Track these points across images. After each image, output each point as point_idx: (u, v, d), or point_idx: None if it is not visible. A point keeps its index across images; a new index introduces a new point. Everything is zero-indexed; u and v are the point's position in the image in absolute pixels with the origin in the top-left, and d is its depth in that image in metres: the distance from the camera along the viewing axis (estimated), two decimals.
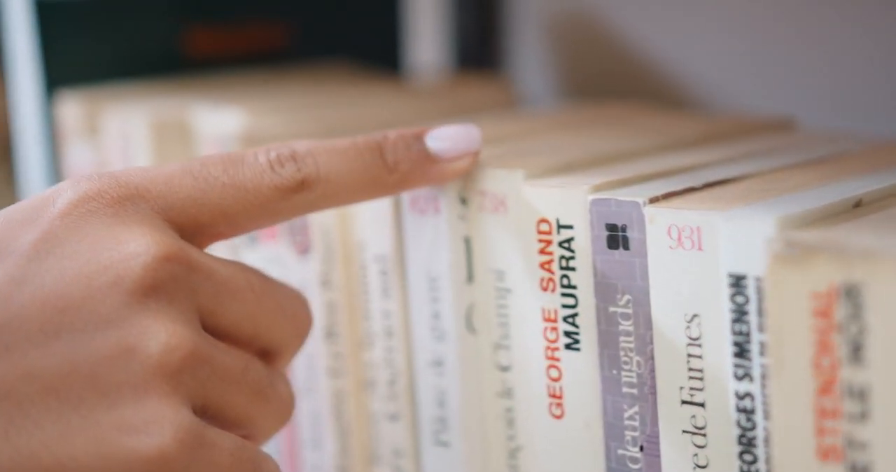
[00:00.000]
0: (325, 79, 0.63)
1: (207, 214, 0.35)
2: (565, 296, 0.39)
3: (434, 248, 0.42)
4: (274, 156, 0.36)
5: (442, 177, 0.39)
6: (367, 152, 0.38)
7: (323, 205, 0.37)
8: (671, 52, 0.63)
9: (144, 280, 0.32)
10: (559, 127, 0.48)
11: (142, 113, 0.53)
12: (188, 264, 0.33)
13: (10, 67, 0.58)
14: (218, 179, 0.35)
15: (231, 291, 0.34)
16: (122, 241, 0.33)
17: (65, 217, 0.33)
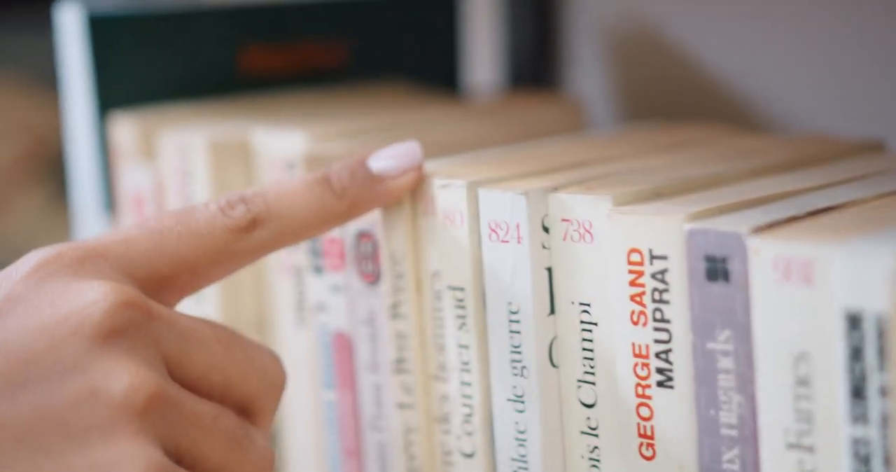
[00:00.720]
0: (384, 98, 0.61)
1: (167, 264, 0.37)
2: (658, 330, 0.36)
3: (515, 278, 0.40)
4: (224, 201, 0.38)
5: (389, 195, 0.41)
6: (314, 184, 0.39)
7: (279, 241, 0.39)
8: (741, 68, 0.61)
9: (104, 325, 0.33)
10: (640, 150, 0.46)
11: (200, 134, 0.51)
12: (147, 311, 0.34)
13: (63, 86, 0.57)
14: (173, 229, 0.37)
15: (196, 341, 0.35)
16: (80, 292, 0.34)
17: (27, 280, 0.34)
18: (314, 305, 0.47)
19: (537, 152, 0.46)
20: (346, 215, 0.40)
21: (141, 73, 0.57)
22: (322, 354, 0.47)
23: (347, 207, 0.40)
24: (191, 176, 0.51)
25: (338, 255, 0.45)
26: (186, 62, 0.58)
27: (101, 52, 0.56)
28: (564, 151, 0.46)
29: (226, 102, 0.58)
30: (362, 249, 0.44)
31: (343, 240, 0.45)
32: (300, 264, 0.47)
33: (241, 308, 0.51)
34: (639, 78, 0.67)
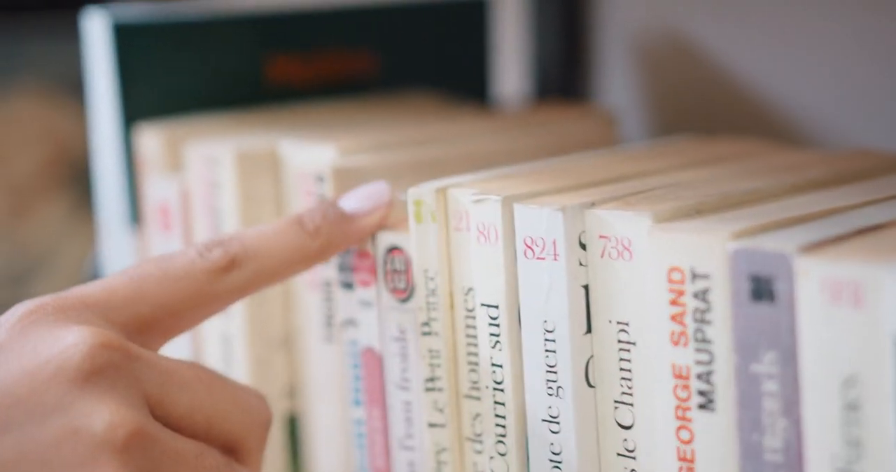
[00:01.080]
0: (412, 109, 0.60)
1: (147, 308, 0.38)
2: (699, 351, 0.35)
3: (550, 296, 0.39)
4: (201, 245, 0.40)
5: (361, 233, 0.42)
6: (288, 226, 0.41)
7: (257, 281, 0.40)
8: (776, 79, 0.60)
9: (83, 367, 0.34)
10: (676, 164, 0.45)
11: (227, 145, 0.50)
12: (127, 353, 0.35)
13: (89, 94, 0.56)
14: (152, 275, 0.38)
15: (178, 381, 0.36)
16: (61, 337, 0.35)
17: (10, 330, 0.36)
18: (343, 321, 0.46)
19: (572, 166, 0.45)
20: (320, 254, 0.41)
21: (167, 81, 0.56)
22: (351, 370, 0.46)
23: (321, 247, 0.41)
24: (218, 188, 0.50)
25: (368, 270, 0.44)
26: (213, 71, 0.58)
27: (127, 60, 0.55)
28: (599, 165, 0.45)
29: (253, 113, 0.57)
30: (393, 264, 0.44)
31: (373, 255, 0.44)
32: (329, 278, 0.47)
33: (269, 324, 0.50)
34: (669, 89, 0.66)
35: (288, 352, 0.51)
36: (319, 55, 0.60)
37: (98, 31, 0.55)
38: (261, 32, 0.59)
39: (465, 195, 0.41)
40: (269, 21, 0.59)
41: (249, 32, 0.58)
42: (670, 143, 0.50)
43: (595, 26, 0.69)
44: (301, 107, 0.59)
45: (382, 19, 0.63)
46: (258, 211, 0.50)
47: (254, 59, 0.59)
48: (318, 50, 0.60)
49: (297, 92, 0.60)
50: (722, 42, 0.63)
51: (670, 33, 0.65)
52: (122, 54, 0.55)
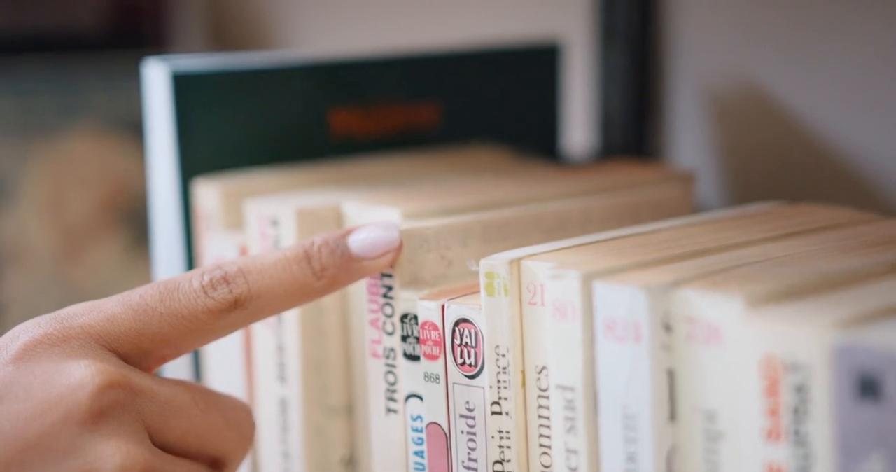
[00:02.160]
0: (477, 164, 0.58)
1: (148, 342, 0.39)
2: (796, 449, 0.33)
3: (632, 380, 0.36)
4: (207, 280, 0.40)
5: (365, 273, 0.42)
6: (294, 263, 0.41)
7: (256, 318, 0.41)
8: (867, 140, 0.57)
9: (92, 409, 0.36)
10: (764, 237, 0.42)
11: (288, 203, 0.48)
12: (131, 389, 0.37)
13: (148, 143, 0.55)
14: (155, 310, 0.39)
15: (175, 408, 0.38)
16: (68, 373, 0.37)
17: (16, 363, 0.37)
18: (407, 393, 0.43)
19: (652, 236, 0.43)
20: (321, 293, 0.41)
21: (226, 132, 0.55)
22: (413, 446, 0.44)
23: (325, 286, 0.41)
24: (277, 245, 0.48)
25: (435, 342, 0.42)
26: (274, 122, 0.56)
27: (186, 111, 0.53)
28: (682, 235, 0.43)
29: (314, 167, 0.55)
30: (462, 337, 0.41)
31: (441, 327, 0.42)
32: (394, 348, 0.44)
33: (328, 390, 0.48)
34: (746, 145, 0.63)
35: (348, 420, 0.49)
36: (382, 106, 0.59)
37: (157, 81, 0.53)
38: (322, 83, 0.57)
39: (540, 269, 0.38)
40: (330, 71, 0.57)
41: (312, 83, 0.57)
42: (754, 210, 0.47)
43: (665, 77, 0.67)
44: (363, 160, 0.57)
45: (446, 68, 0.61)
46: None
47: (316, 111, 0.57)
48: (380, 101, 0.58)
49: (358, 144, 0.58)
50: (804, 95, 0.60)
51: (747, 85, 0.63)
52: (181, 105, 0.53)
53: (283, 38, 0.92)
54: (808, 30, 0.60)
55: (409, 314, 0.43)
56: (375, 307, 0.45)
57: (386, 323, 0.45)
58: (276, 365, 0.49)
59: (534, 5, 0.73)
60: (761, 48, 0.62)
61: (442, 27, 0.79)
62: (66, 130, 0.91)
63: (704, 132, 0.65)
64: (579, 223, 0.48)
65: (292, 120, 0.56)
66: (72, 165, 0.91)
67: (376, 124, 0.59)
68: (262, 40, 0.95)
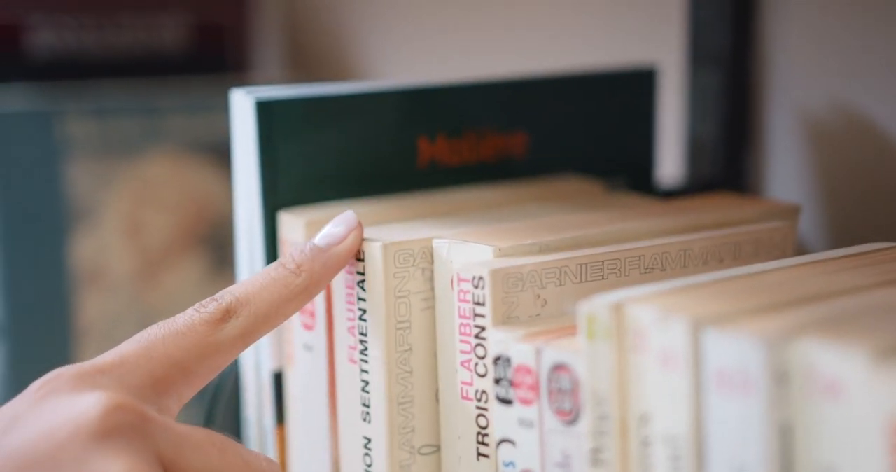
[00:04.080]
0: (568, 196, 0.56)
1: (158, 366, 0.41)
2: None
3: (744, 434, 0.34)
4: (196, 304, 0.43)
5: (339, 260, 0.45)
6: (271, 270, 0.45)
7: (255, 325, 0.43)
8: None
9: (100, 426, 0.37)
10: (881, 281, 0.40)
11: (374, 236, 0.47)
12: (142, 415, 0.38)
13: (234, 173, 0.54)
14: (157, 335, 0.42)
15: (192, 444, 0.38)
16: (78, 401, 0.38)
17: (30, 399, 0.38)
18: (499, 438, 0.42)
19: (761, 279, 0.40)
20: (306, 290, 0.44)
21: (312, 161, 0.53)
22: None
23: (305, 282, 0.44)
24: (363, 279, 0.47)
25: (530, 387, 0.40)
26: (361, 150, 0.54)
27: (271, 139, 0.52)
28: (792, 277, 0.40)
29: (401, 198, 0.54)
30: (559, 382, 0.39)
31: (537, 371, 0.40)
32: (486, 390, 0.43)
33: (413, 430, 0.47)
34: (847, 177, 0.61)
35: (436, 462, 0.47)
36: (471, 135, 0.57)
37: (243, 110, 0.52)
38: (410, 111, 0.56)
39: (645, 313, 0.36)
40: (418, 99, 0.56)
41: (399, 111, 0.55)
42: (866, 251, 0.45)
43: (762, 102, 0.64)
44: (450, 191, 0.55)
45: (536, 96, 0.59)
46: (407, 308, 0.46)
47: (403, 140, 0.55)
48: (469, 129, 0.57)
49: (446, 173, 0.56)
50: None
51: (847, 111, 0.60)
52: (266, 133, 0.52)
53: (363, 60, 0.91)
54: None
55: (503, 356, 0.42)
56: (467, 348, 0.43)
57: (478, 364, 0.43)
58: (361, 403, 0.47)
59: (627, 30, 0.71)
60: (862, 72, 0.59)
61: (533, 55, 0.77)
62: (147, 152, 0.90)
63: (802, 162, 0.63)
64: (679, 261, 0.46)
65: (379, 149, 0.55)
66: (152, 188, 0.91)
67: (465, 153, 0.57)
68: (341, 63, 0.94)
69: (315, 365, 0.50)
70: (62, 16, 0.94)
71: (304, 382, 0.50)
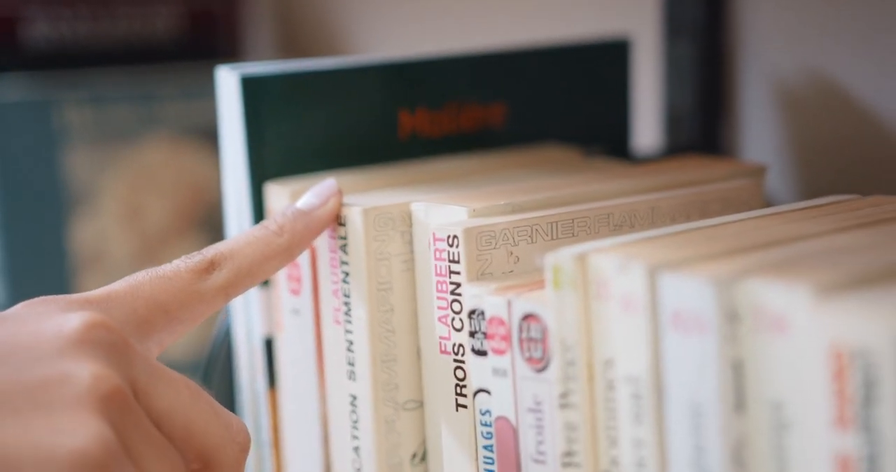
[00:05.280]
0: (545, 163, 0.58)
1: (143, 306, 0.43)
2: (865, 437, 0.32)
3: (699, 371, 0.36)
4: (183, 256, 0.45)
5: (320, 223, 0.48)
6: (255, 230, 0.47)
7: (238, 278, 0.45)
8: None
9: (82, 335, 0.38)
10: (833, 228, 0.42)
11: (355, 202, 0.49)
12: (123, 338, 0.39)
13: (221, 149, 0.56)
14: (145, 278, 0.44)
15: (166, 379, 0.39)
16: (65, 316, 0.39)
17: (17, 310, 0.40)
18: (476, 389, 0.44)
19: (720, 230, 0.42)
20: (288, 249, 0.47)
21: (297, 135, 0.55)
22: (483, 440, 0.44)
23: (287, 241, 0.47)
24: (346, 243, 0.49)
25: (503, 337, 0.42)
26: (344, 124, 0.56)
27: (256, 114, 0.54)
28: (750, 228, 0.42)
29: (383, 169, 0.56)
30: (529, 332, 0.41)
31: (509, 321, 0.42)
32: (462, 344, 0.45)
33: (397, 386, 0.49)
34: (818, 139, 0.63)
35: (419, 416, 0.49)
36: (451, 107, 0.59)
37: (228, 86, 0.54)
38: (391, 85, 0.57)
39: (606, 262, 0.38)
40: (399, 73, 0.58)
41: (380, 85, 0.57)
42: (824, 202, 0.47)
43: (735, 70, 0.66)
44: (431, 161, 0.57)
45: (514, 68, 0.61)
46: (388, 270, 0.49)
47: (385, 113, 0.57)
48: (449, 101, 0.59)
49: (427, 144, 0.58)
50: (877, 88, 0.59)
51: (818, 78, 0.62)
52: (251, 108, 0.54)
53: (353, 45, 0.93)
54: (880, 21, 0.59)
55: (477, 310, 0.44)
56: (444, 304, 0.46)
57: (454, 319, 0.45)
58: (346, 363, 0.49)
59: (604, 3, 0.73)
60: (833, 40, 0.61)
61: (510, 28, 0.79)
62: (143, 139, 0.92)
63: (776, 127, 0.65)
64: (647, 218, 0.48)
65: (362, 122, 0.57)
66: (148, 173, 0.93)
67: (445, 125, 0.59)
68: (332, 48, 0.96)
69: (303, 328, 0.52)
70: (58, 7, 0.97)
71: (293, 345, 0.53)
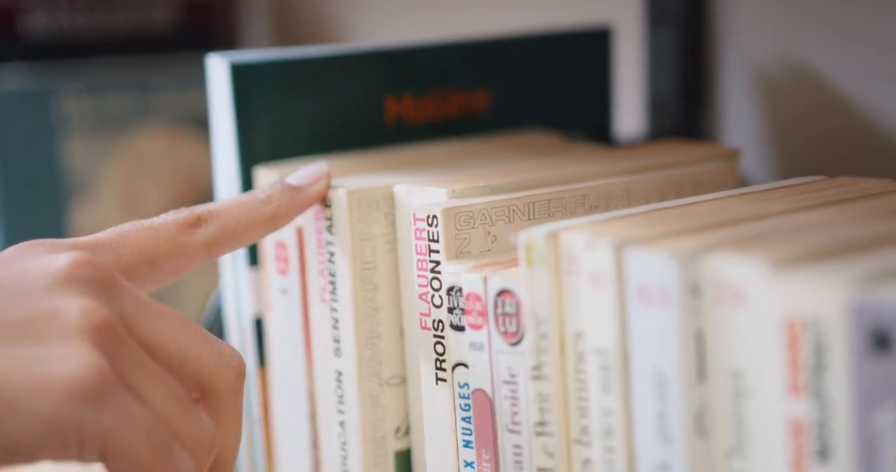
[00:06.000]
0: (527, 148, 0.60)
1: (128, 253, 0.44)
2: (817, 402, 0.34)
3: (662, 342, 0.38)
4: (171, 210, 0.47)
5: (307, 200, 0.49)
6: (244, 195, 0.49)
7: (223, 237, 0.47)
8: None
9: (70, 272, 0.38)
10: (799, 206, 0.43)
11: (341, 184, 0.51)
12: (111, 275, 0.39)
13: (212, 135, 0.57)
14: (132, 227, 0.45)
15: (155, 310, 0.40)
16: (53, 255, 0.40)
17: (7, 252, 0.41)
18: (454, 362, 0.45)
19: (689, 209, 0.44)
20: (273, 217, 0.48)
21: (285, 121, 0.57)
22: (461, 412, 0.46)
23: (273, 210, 0.48)
24: (331, 224, 0.51)
25: (479, 313, 0.44)
26: (332, 110, 0.58)
27: (245, 100, 0.56)
28: (718, 207, 0.44)
29: (370, 153, 0.57)
30: (504, 307, 0.43)
31: (485, 297, 0.44)
32: (441, 320, 0.46)
33: (381, 362, 0.50)
34: (796, 124, 0.64)
35: (403, 391, 0.51)
36: (436, 94, 0.61)
37: (218, 74, 0.56)
38: (378, 72, 0.59)
39: (576, 240, 0.40)
40: (385, 60, 0.59)
41: (367, 72, 0.59)
42: (795, 184, 0.48)
43: (716, 58, 0.68)
44: (417, 146, 0.59)
45: (498, 55, 0.62)
46: (372, 250, 0.50)
47: (372, 99, 0.59)
48: (434, 88, 0.60)
49: (413, 130, 0.60)
50: (852, 74, 0.61)
51: (796, 65, 0.64)
52: (241, 94, 0.56)
53: (349, 33, 0.95)
54: (855, 10, 0.61)
55: (455, 287, 0.45)
56: (424, 282, 0.47)
57: (434, 296, 0.47)
58: (332, 340, 0.51)
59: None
60: (810, 30, 0.63)
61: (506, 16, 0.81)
62: (140, 127, 0.94)
63: (755, 112, 0.66)
64: (622, 200, 0.50)
65: (349, 108, 0.59)
66: (146, 161, 0.94)
67: (430, 111, 0.61)
68: (328, 37, 0.97)
69: (290, 307, 0.53)
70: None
71: (282, 324, 0.54)
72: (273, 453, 0.55)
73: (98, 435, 0.36)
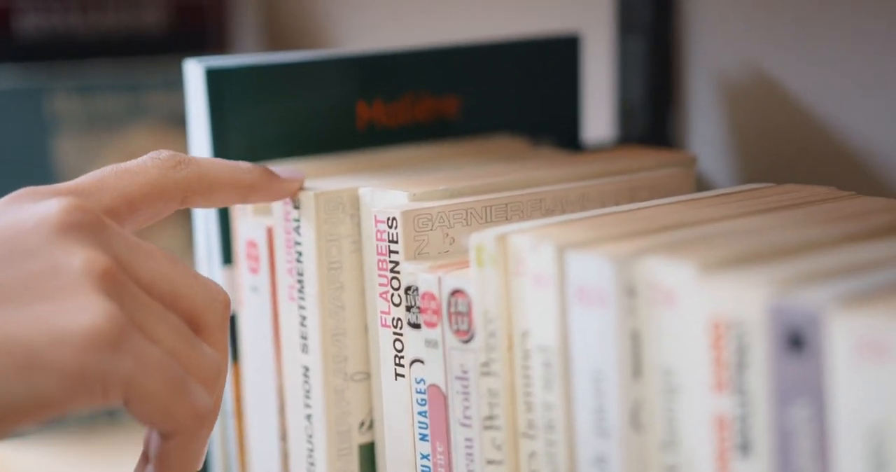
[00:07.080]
0: (493, 154, 0.61)
1: (108, 196, 0.44)
2: (738, 399, 0.36)
3: (600, 341, 0.40)
4: (152, 153, 0.47)
5: (282, 189, 0.51)
6: (228, 161, 0.50)
7: (198, 184, 0.47)
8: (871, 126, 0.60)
9: (63, 220, 0.39)
10: (740, 213, 0.45)
11: (311, 186, 0.53)
12: (99, 218, 0.41)
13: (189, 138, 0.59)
14: (111, 170, 0.46)
15: (144, 250, 0.41)
16: (41, 203, 0.40)
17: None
18: (412, 359, 0.48)
19: (636, 214, 0.46)
20: (249, 187, 0.49)
21: (258, 125, 0.59)
22: (418, 407, 0.48)
23: (251, 180, 0.49)
24: (299, 225, 0.53)
25: (434, 311, 0.46)
26: (304, 114, 0.60)
27: (220, 104, 0.58)
28: (663, 212, 0.46)
29: (341, 157, 0.59)
30: (457, 306, 0.45)
31: (439, 297, 0.46)
32: (400, 318, 0.49)
33: (345, 358, 0.53)
34: (757, 132, 0.66)
35: (367, 386, 0.53)
36: (407, 99, 0.62)
37: (194, 78, 0.58)
38: (350, 78, 0.61)
39: (522, 242, 0.42)
40: (357, 66, 0.61)
41: (339, 78, 0.61)
42: (741, 190, 0.50)
43: (683, 67, 0.70)
44: (387, 150, 0.61)
45: (468, 62, 0.64)
46: (338, 250, 0.52)
47: (344, 104, 0.61)
48: (405, 94, 0.62)
49: (384, 135, 0.62)
50: (812, 83, 0.63)
51: (758, 74, 0.66)
52: (215, 99, 0.58)
53: (339, 38, 0.96)
54: (815, 22, 0.63)
55: (413, 286, 0.47)
56: (385, 281, 0.49)
57: (393, 295, 0.49)
58: (300, 336, 0.53)
59: (560, 1, 0.76)
60: (772, 39, 0.65)
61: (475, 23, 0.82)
62: (130, 127, 0.96)
63: (720, 119, 0.68)
64: (577, 204, 0.52)
65: (322, 112, 0.61)
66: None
67: (401, 116, 0.63)
68: (319, 41, 0.99)
69: (261, 304, 0.55)
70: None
71: (253, 321, 0.56)
72: (245, 444, 0.58)
73: (120, 380, 0.37)
